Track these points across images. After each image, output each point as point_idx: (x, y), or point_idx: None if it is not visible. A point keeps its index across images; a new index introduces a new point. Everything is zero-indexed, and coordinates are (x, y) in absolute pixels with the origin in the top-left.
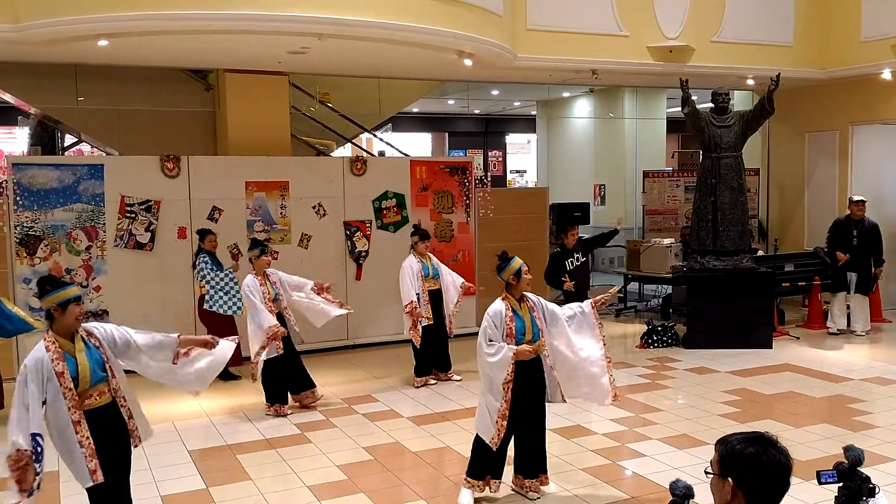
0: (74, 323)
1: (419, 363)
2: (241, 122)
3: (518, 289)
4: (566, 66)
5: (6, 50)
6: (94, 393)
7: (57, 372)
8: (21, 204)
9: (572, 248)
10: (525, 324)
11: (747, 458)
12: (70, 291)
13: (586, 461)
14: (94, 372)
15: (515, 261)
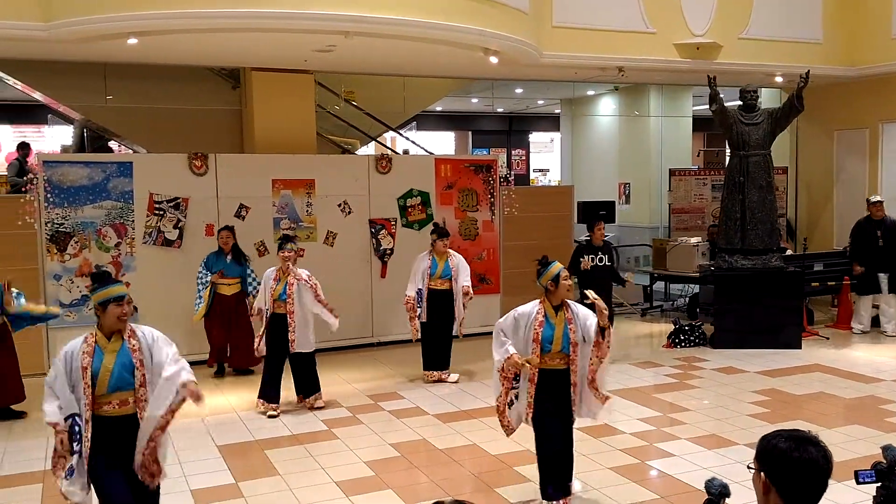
0: (116, 322)
1: (424, 358)
2: (268, 121)
3: (556, 295)
4: (592, 63)
5: (37, 48)
6: (112, 400)
7: (82, 366)
8: (52, 201)
9: (598, 247)
10: (555, 333)
11: (780, 453)
12: (111, 291)
13: (614, 460)
14: (118, 376)
15: (554, 265)
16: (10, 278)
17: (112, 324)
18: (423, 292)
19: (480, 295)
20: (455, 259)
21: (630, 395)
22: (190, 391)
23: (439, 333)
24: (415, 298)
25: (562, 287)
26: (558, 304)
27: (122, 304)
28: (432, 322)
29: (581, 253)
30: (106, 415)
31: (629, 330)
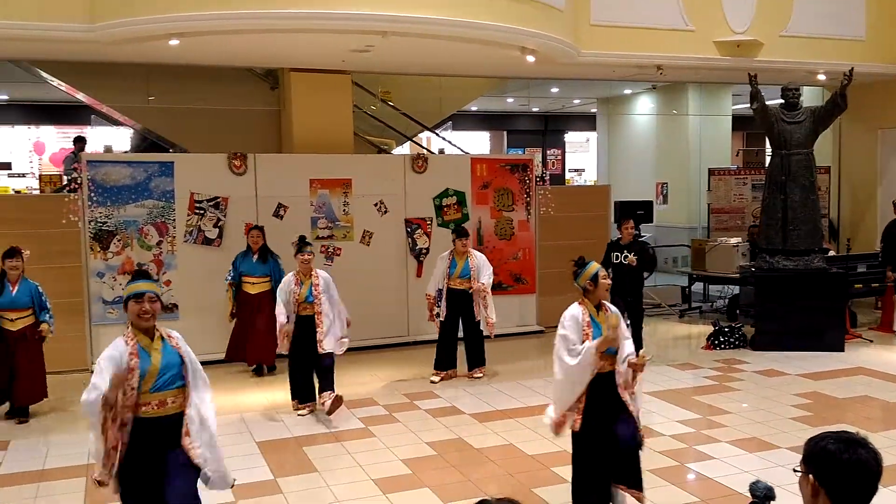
0: (137, 320)
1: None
2: (306, 121)
3: (596, 295)
4: (630, 61)
5: (81, 50)
6: (152, 401)
7: (129, 367)
8: (95, 200)
9: (625, 245)
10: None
11: (829, 455)
12: (134, 287)
13: (653, 462)
14: (165, 374)
15: (592, 265)
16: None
17: (134, 321)
18: (442, 292)
19: (516, 295)
20: (475, 259)
21: (669, 396)
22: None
23: (455, 333)
24: (435, 297)
25: (601, 286)
26: (597, 305)
27: (142, 300)
28: (450, 321)
29: (611, 251)
30: (145, 416)
31: (667, 331)
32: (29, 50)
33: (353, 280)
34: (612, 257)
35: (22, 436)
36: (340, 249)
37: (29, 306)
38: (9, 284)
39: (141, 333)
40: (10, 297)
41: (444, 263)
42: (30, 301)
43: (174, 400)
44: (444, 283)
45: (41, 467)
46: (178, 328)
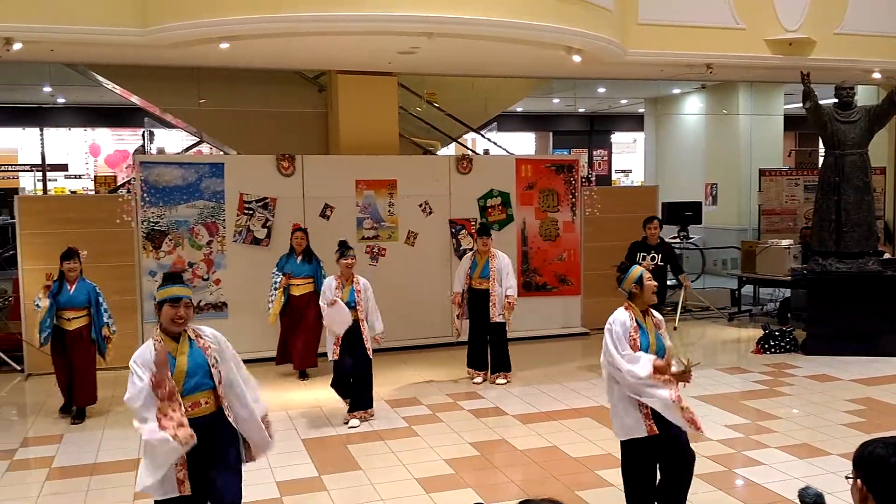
0: (170, 325)
1: (468, 355)
2: (352, 123)
3: (642, 298)
4: (679, 60)
5: (134, 54)
6: (185, 403)
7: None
8: (148, 200)
9: (652, 245)
10: (650, 340)
11: (877, 458)
12: (168, 291)
13: (700, 467)
14: (194, 377)
15: (636, 269)
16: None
17: (167, 325)
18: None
19: (560, 296)
20: (497, 261)
21: (717, 401)
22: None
23: (480, 333)
24: (460, 294)
25: (647, 288)
26: (644, 309)
27: (178, 306)
28: (473, 321)
29: (636, 251)
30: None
31: (716, 335)
32: (85, 54)
33: (398, 280)
34: (638, 257)
35: (75, 430)
36: (385, 250)
37: (85, 306)
38: (67, 284)
39: (168, 337)
40: (69, 297)
41: (466, 263)
42: (86, 301)
43: (207, 401)
44: (466, 283)
45: (93, 461)
46: (227, 327)
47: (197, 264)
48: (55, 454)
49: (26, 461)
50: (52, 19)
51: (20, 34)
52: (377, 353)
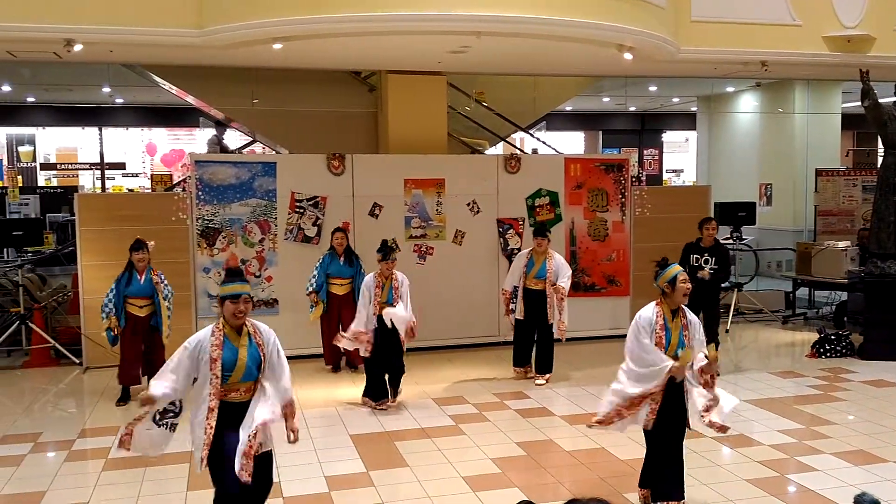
0: (231, 319)
1: (514, 354)
2: (402, 122)
3: (673, 298)
4: (733, 57)
5: (190, 54)
6: (241, 388)
7: (212, 358)
8: (202, 198)
9: (706, 248)
10: (672, 340)
11: None
12: (230, 288)
13: (752, 472)
14: (249, 369)
15: (672, 268)
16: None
17: (228, 319)
18: (518, 289)
19: (609, 297)
20: (554, 261)
21: (769, 405)
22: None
23: (531, 332)
24: (510, 292)
25: (678, 290)
26: (675, 308)
27: (238, 302)
28: (527, 321)
29: (689, 253)
30: (232, 401)
31: (770, 338)
32: (142, 54)
33: (445, 279)
34: (691, 259)
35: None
36: (433, 249)
37: (152, 294)
38: (136, 274)
39: (228, 327)
40: (139, 286)
41: (521, 261)
42: (153, 290)
43: (250, 389)
44: (521, 282)
45: None
46: (277, 323)
47: (249, 261)
48: (111, 445)
49: (83, 452)
50: (111, 21)
51: (81, 35)
52: (424, 352)
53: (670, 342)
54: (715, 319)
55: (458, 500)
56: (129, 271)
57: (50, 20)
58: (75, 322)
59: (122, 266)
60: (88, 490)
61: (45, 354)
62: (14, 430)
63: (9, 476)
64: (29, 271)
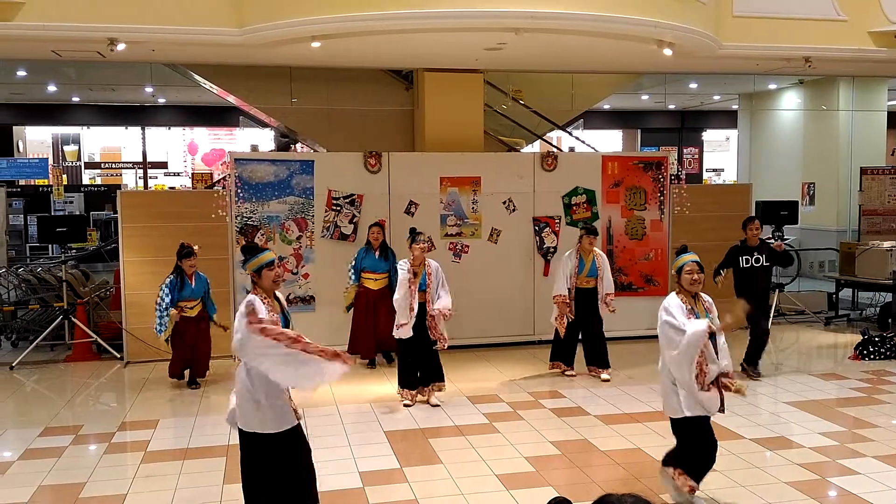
0: (272, 286)
1: (554, 349)
2: (438, 120)
3: (681, 287)
4: (776, 54)
5: (230, 53)
6: None
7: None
8: (241, 196)
9: (753, 247)
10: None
11: None
12: (263, 258)
13: (791, 474)
14: None
15: (683, 256)
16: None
17: (269, 287)
18: (570, 291)
19: (646, 296)
20: (601, 258)
21: (810, 407)
22: None
23: (581, 330)
24: (566, 296)
25: (683, 279)
26: (693, 295)
27: (274, 267)
28: (578, 320)
29: (736, 254)
30: None
31: (811, 339)
32: (183, 53)
33: (480, 277)
34: (742, 261)
35: (170, 416)
36: (468, 247)
37: (200, 296)
38: (187, 279)
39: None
40: (191, 290)
41: (571, 262)
42: (202, 291)
43: None
44: (572, 283)
45: (185, 446)
46: (314, 320)
47: (287, 258)
48: (150, 438)
49: (123, 444)
50: (153, 20)
51: (123, 35)
52: (459, 350)
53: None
54: (765, 312)
55: (492, 498)
56: (180, 276)
57: (93, 19)
58: (117, 317)
59: (162, 262)
60: (127, 482)
61: (87, 349)
62: (56, 423)
63: (50, 467)
64: (72, 267)
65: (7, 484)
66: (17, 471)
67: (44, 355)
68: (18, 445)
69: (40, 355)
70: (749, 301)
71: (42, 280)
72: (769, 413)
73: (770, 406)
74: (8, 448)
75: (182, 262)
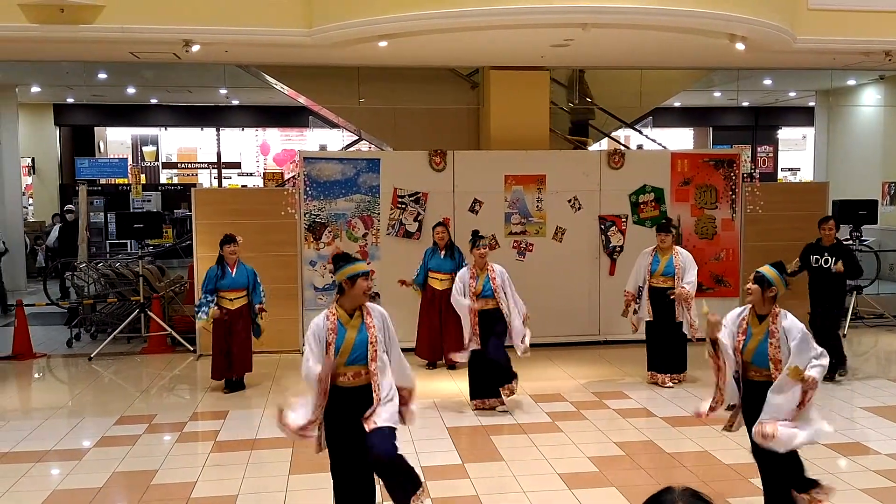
0: (362, 297)
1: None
2: (503, 118)
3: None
4: (854, 47)
5: (300, 54)
6: (348, 372)
7: (327, 342)
8: (310, 194)
9: (827, 248)
10: (749, 345)
11: None
12: (360, 266)
13: (867, 481)
14: (356, 351)
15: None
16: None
17: (358, 296)
18: (643, 289)
19: (717, 297)
20: (680, 257)
21: (888, 413)
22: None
23: (664, 334)
24: (633, 294)
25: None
26: (763, 314)
27: (367, 278)
28: (657, 321)
29: (808, 252)
30: (342, 385)
31: (891, 344)
32: (255, 54)
33: (545, 276)
34: (812, 260)
35: (239, 407)
36: (532, 245)
37: (245, 287)
38: (228, 268)
39: (342, 310)
40: (231, 279)
41: (645, 260)
42: (246, 282)
43: (365, 372)
44: (647, 281)
45: (253, 437)
46: None
47: (353, 255)
48: (220, 429)
49: (194, 434)
50: (226, 21)
51: (198, 36)
52: None
53: (746, 348)
54: (835, 325)
55: (554, 497)
56: (221, 265)
57: (169, 21)
58: (190, 311)
59: None
60: (196, 470)
61: (162, 341)
62: (131, 412)
63: (124, 454)
64: (149, 263)
65: (83, 470)
66: (93, 457)
67: (121, 347)
68: (95, 433)
69: (117, 347)
70: (815, 302)
71: (120, 275)
72: (844, 418)
73: (846, 411)
74: (85, 435)
75: (223, 249)
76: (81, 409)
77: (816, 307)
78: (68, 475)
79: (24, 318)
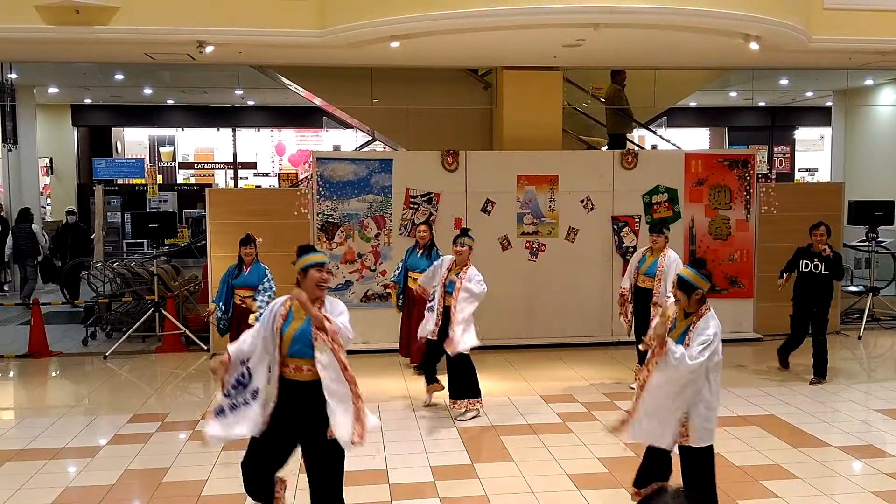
0: (315, 289)
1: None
2: (516, 118)
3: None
4: (870, 47)
5: (313, 54)
6: (290, 364)
7: (275, 326)
8: (323, 194)
9: (816, 253)
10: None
11: None
12: (315, 257)
13: (879, 484)
14: (295, 344)
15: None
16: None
17: (311, 289)
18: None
19: (730, 299)
20: (666, 260)
21: None
22: None
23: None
24: (629, 291)
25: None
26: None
27: (322, 270)
28: (636, 321)
29: (798, 256)
30: (287, 377)
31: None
32: (269, 55)
33: (557, 277)
34: (801, 265)
35: None
36: (545, 245)
37: (256, 285)
38: (244, 267)
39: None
40: (244, 278)
41: (636, 258)
42: (257, 281)
43: (310, 368)
44: (633, 279)
45: None
46: (390, 317)
47: (365, 256)
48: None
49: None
50: (239, 22)
51: (212, 37)
52: (534, 349)
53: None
54: (822, 329)
55: (563, 498)
56: (239, 264)
57: (183, 22)
58: (204, 311)
59: None
60: (208, 468)
61: (177, 340)
62: (144, 410)
63: (137, 452)
64: (164, 262)
65: (96, 467)
66: (106, 455)
67: (135, 346)
68: (109, 431)
69: (132, 346)
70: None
71: (135, 274)
72: (858, 421)
73: (860, 413)
74: (99, 433)
75: (240, 250)
76: (96, 407)
77: (799, 309)
78: (81, 472)
79: (41, 316)
